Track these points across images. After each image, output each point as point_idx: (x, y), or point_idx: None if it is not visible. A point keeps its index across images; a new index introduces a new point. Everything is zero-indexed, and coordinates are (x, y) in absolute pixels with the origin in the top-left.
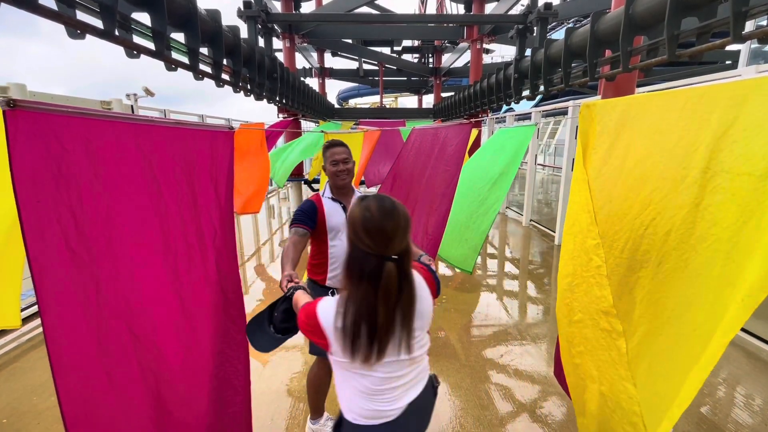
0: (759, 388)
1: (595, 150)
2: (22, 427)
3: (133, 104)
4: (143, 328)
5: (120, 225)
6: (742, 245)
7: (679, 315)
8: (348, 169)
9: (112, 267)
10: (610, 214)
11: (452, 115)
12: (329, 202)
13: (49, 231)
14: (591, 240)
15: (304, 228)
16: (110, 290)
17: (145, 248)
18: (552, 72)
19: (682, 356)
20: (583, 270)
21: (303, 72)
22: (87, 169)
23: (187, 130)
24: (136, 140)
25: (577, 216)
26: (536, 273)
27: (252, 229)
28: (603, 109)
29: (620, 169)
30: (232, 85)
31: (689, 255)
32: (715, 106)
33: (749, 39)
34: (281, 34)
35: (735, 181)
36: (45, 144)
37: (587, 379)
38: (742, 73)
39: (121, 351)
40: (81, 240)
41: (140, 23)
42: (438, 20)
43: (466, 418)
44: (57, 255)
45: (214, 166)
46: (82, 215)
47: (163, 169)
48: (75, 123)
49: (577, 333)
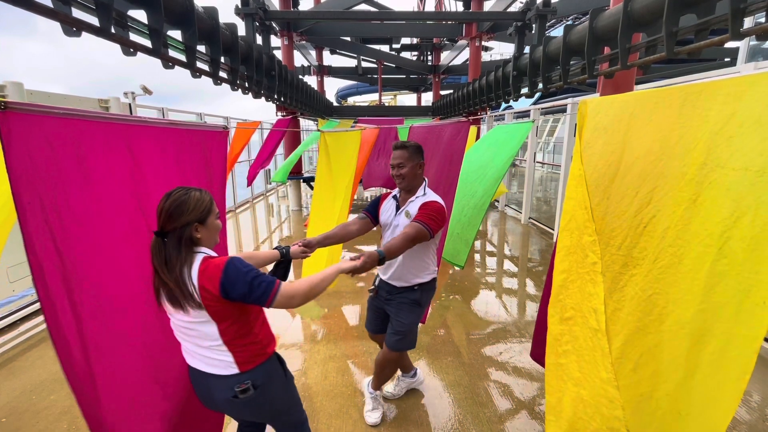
0: (757, 385)
1: (590, 146)
2: (22, 426)
3: (131, 103)
4: (124, 323)
5: (107, 225)
6: (735, 241)
7: (669, 312)
8: (402, 174)
9: (95, 265)
10: (608, 210)
11: (451, 112)
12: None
13: (38, 232)
14: (587, 237)
15: (366, 214)
16: (93, 288)
17: (131, 246)
18: (551, 69)
19: (668, 355)
20: (578, 266)
21: (301, 70)
22: (76, 170)
23: (180, 130)
24: (126, 141)
25: (573, 212)
26: (535, 271)
27: (251, 227)
28: (599, 106)
29: (617, 166)
30: (229, 83)
31: (683, 251)
32: (714, 102)
33: (748, 36)
34: (279, 31)
35: (730, 176)
36: (36, 145)
37: (569, 381)
38: (740, 70)
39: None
40: (66, 240)
41: (137, 20)
42: (437, 17)
43: (465, 416)
44: (47, 255)
45: (208, 165)
46: (69, 216)
47: (154, 169)
48: (66, 124)
49: (566, 331)
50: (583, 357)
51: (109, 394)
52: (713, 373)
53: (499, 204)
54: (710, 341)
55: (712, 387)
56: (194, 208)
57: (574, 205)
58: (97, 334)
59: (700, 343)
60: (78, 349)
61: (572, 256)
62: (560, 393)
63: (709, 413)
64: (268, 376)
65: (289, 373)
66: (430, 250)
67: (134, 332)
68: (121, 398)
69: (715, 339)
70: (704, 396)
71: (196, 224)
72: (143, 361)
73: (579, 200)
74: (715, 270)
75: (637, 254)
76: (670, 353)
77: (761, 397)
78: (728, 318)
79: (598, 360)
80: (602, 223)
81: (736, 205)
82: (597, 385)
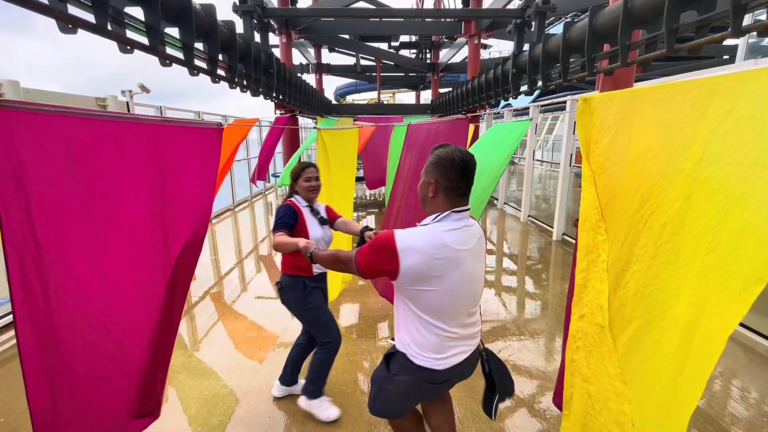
0: (755, 381)
1: (597, 145)
2: (20, 426)
3: (129, 101)
4: (91, 307)
5: (88, 219)
6: (724, 234)
7: (669, 308)
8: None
9: (72, 255)
10: (614, 209)
11: (450, 110)
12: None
13: (20, 225)
14: (600, 236)
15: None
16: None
17: (110, 238)
18: (550, 67)
19: (665, 350)
20: (593, 265)
21: (300, 68)
22: (64, 167)
23: (173, 127)
24: (117, 138)
25: (588, 213)
26: (534, 269)
27: (250, 226)
28: (601, 103)
29: (622, 164)
30: (227, 81)
31: (679, 247)
32: (713, 98)
33: (748, 32)
34: (278, 29)
35: (724, 171)
36: (25, 142)
37: (579, 377)
38: (740, 67)
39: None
40: (47, 233)
41: (134, 18)
42: (435, 15)
43: (464, 414)
44: (26, 246)
45: (201, 163)
46: (53, 210)
47: (144, 166)
48: (56, 122)
49: (580, 328)
50: (592, 353)
51: (66, 372)
52: (697, 365)
53: (498, 202)
54: (696, 335)
55: (694, 380)
56: None
57: (587, 205)
58: (66, 315)
59: (688, 337)
60: (46, 330)
61: (590, 255)
62: (572, 389)
63: (689, 407)
64: (289, 285)
65: (313, 298)
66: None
67: (100, 315)
68: (78, 375)
69: (700, 333)
70: (688, 390)
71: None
72: (103, 341)
73: (590, 200)
74: (705, 264)
75: (638, 251)
76: (666, 348)
77: (759, 393)
78: (709, 311)
79: (605, 356)
80: (609, 221)
81: (727, 200)
82: (605, 380)
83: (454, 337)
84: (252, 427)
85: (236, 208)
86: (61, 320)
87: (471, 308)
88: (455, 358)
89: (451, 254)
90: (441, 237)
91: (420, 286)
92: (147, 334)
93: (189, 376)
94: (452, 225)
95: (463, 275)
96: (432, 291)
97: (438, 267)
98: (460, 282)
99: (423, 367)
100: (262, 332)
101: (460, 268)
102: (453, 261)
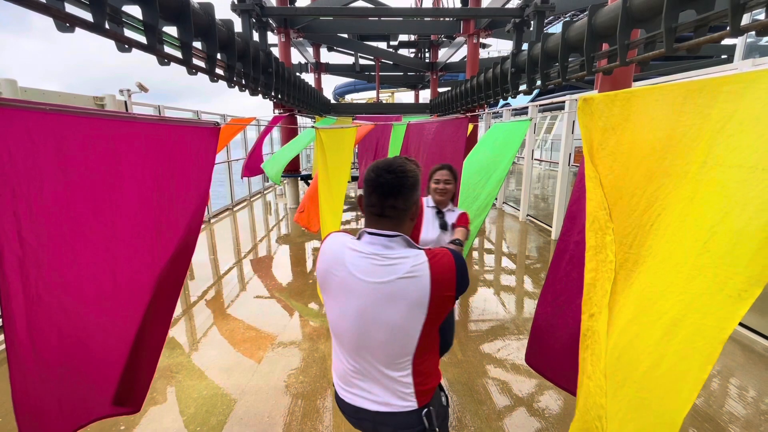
0: (753, 380)
1: (602, 146)
2: None
3: (126, 100)
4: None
5: (74, 216)
6: (720, 235)
7: (653, 303)
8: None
9: (56, 251)
10: (622, 210)
11: (449, 110)
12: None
13: (5, 221)
14: (608, 236)
15: None
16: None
17: (96, 235)
18: (549, 66)
19: (643, 345)
20: (602, 265)
21: (299, 67)
22: (54, 164)
23: (168, 126)
24: (110, 137)
25: (596, 213)
26: (533, 268)
27: (249, 226)
28: (602, 103)
29: (627, 166)
30: (226, 80)
31: (674, 246)
32: (715, 99)
33: (747, 32)
34: (276, 28)
35: (726, 173)
36: (16, 139)
37: (583, 374)
38: (738, 66)
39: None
40: (32, 230)
41: (131, 16)
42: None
43: (464, 413)
44: (8, 242)
45: (196, 163)
46: (40, 207)
47: (136, 164)
48: (49, 119)
49: (590, 326)
50: (594, 351)
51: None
52: (678, 362)
53: (497, 201)
54: (679, 332)
55: (674, 376)
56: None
57: (594, 206)
58: (42, 306)
59: (671, 333)
60: (23, 324)
61: (599, 255)
62: (581, 387)
63: (668, 402)
64: None
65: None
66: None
67: (76, 308)
68: (52, 366)
69: (684, 330)
70: (666, 385)
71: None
72: (78, 333)
73: (598, 201)
74: (697, 263)
75: (645, 252)
76: (645, 342)
77: (757, 392)
78: (699, 309)
79: (602, 354)
80: (617, 222)
81: (726, 201)
82: (599, 377)
83: (354, 371)
84: (251, 426)
85: (235, 207)
86: (38, 312)
87: (380, 355)
88: (361, 400)
89: (347, 279)
90: (344, 254)
91: (324, 295)
92: (128, 329)
93: (188, 376)
94: (361, 247)
95: (360, 312)
96: (329, 306)
97: (332, 284)
98: (357, 318)
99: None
100: (260, 332)
101: (357, 300)
102: (348, 288)
